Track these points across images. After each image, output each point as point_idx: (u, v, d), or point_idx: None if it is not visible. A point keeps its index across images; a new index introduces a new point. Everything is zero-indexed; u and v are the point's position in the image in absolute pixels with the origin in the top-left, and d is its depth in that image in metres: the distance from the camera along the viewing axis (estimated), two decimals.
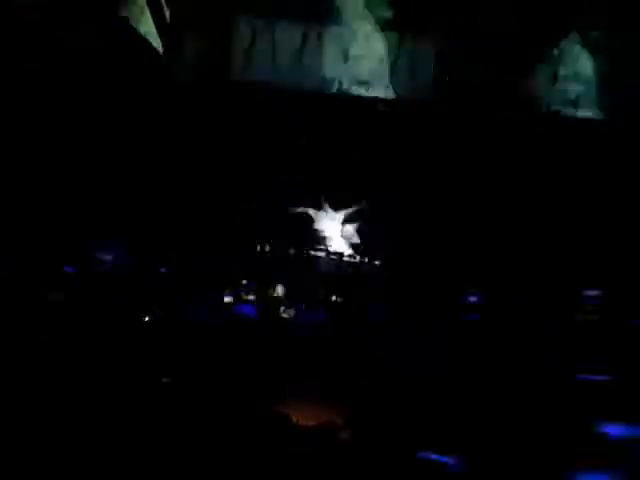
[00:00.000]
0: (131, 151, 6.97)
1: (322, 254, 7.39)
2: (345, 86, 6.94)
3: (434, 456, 2.50)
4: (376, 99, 6.96)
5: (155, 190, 6.93)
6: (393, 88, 6.96)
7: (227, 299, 6.33)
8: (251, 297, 6.11)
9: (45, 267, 5.00)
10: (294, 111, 6.90)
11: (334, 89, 6.90)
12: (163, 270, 5.43)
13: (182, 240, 6.72)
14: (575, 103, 6.78)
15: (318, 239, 7.60)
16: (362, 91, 6.96)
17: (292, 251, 7.45)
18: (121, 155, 6.97)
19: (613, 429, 2.82)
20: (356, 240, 7.70)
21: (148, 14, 5.86)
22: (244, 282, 6.38)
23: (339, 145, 6.92)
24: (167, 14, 6.06)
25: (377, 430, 2.94)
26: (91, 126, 6.97)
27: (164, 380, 3.50)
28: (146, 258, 5.95)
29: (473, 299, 5.36)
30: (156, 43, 5.81)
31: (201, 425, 2.90)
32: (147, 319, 4.25)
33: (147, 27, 6.87)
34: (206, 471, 2.62)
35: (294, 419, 3.04)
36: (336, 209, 8.01)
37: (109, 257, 5.16)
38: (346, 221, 7.84)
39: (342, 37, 6.98)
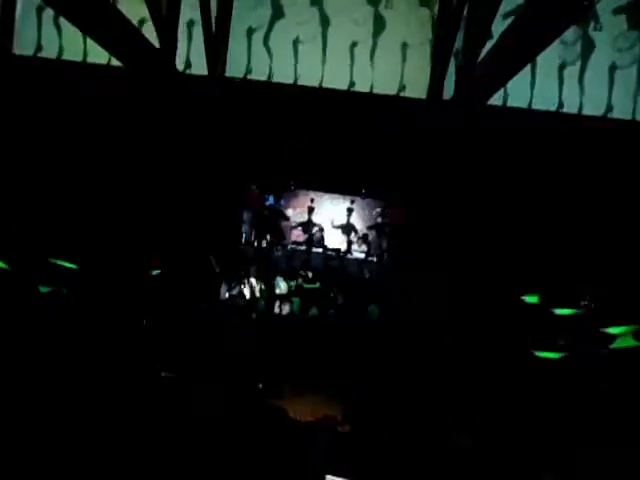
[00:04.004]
0: (127, 149, 6.94)
1: (320, 250, 7.41)
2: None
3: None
4: (376, 96, 6.93)
5: (154, 190, 6.90)
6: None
7: (224, 295, 6.36)
8: (247, 293, 6.13)
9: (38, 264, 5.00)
10: (293, 109, 6.88)
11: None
12: (162, 269, 5.44)
13: (180, 238, 6.71)
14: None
15: (317, 236, 7.61)
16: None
17: (290, 247, 7.47)
18: (117, 154, 6.94)
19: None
20: (356, 238, 7.72)
21: (144, 6, 5.81)
22: (241, 278, 6.40)
23: (340, 143, 6.91)
24: (164, 6, 6.00)
25: (375, 425, 2.97)
26: (86, 127, 6.94)
27: (164, 375, 3.52)
28: (145, 256, 5.95)
29: (471, 297, 5.40)
30: (152, 37, 5.75)
31: (200, 420, 2.92)
32: (146, 317, 4.27)
33: (143, 20, 6.86)
34: (205, 464, 2.64)
35: (292, 414, 3.06)
36: (335, 206, 8.02)
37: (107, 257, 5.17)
38: (346, 221, 7.86)
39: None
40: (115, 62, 6.24)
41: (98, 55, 6.92)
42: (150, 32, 5.86)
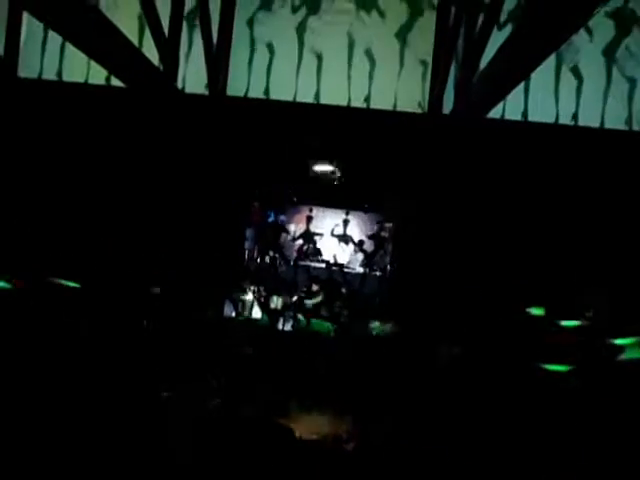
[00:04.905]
0: (130, 167, 6.97)
1: (322, 265, 7.40)
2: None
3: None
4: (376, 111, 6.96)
5: (156, 207, 6.91)
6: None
7: (228, 309, 6.33)
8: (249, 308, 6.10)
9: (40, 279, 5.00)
10: (292, 125, 6.91)
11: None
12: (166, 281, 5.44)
13: (183, 251, 6.70)
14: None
15: (318, 251, 7.61)
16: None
17: (292, 263, 7.46)
18: (119, 172, 6.97)
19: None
20: (356, 252, 7.72)
21: (145, 25, 5.88)
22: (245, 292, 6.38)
23: (339, 157, 6.93)
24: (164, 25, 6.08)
25: (380, 442, 2.93)
26: (89, 147, 6.99)
27: (165, 394, 3.48)
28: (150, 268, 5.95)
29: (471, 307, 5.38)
30: (153, 56, 5.82)
31: (205, 438, 2.88)
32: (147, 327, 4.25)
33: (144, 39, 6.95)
34: None
35: (297, 433, 3.02)
36: (336, 220, 8.04)
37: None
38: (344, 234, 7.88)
39: None
40: (116, 82, 6.30)
41: (100, 76, 7.02)
42: (152, 51, 5.94)
